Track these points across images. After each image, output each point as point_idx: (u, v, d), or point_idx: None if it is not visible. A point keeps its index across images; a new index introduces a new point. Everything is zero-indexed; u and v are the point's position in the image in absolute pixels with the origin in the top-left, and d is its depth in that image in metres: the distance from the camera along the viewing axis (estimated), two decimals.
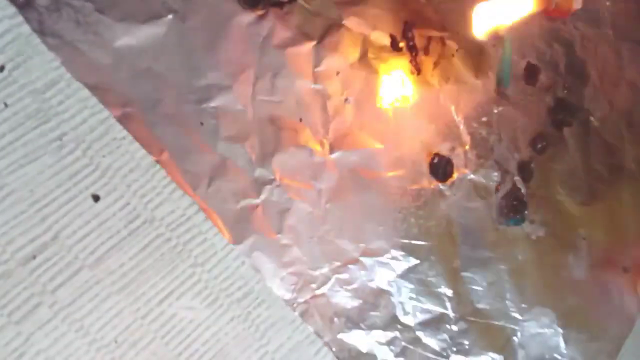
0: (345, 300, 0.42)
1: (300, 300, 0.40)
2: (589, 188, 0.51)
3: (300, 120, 0.42)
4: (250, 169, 0.40)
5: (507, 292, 0.47)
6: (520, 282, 0.47)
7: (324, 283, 0.41)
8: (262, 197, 0.40)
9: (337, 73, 0.43)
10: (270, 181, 0.40)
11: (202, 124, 0.39)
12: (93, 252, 0.38)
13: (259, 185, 0.40)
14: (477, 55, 0.47)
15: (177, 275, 0.40)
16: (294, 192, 0.41)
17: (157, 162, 0.37)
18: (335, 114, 0.43)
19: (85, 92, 0.38)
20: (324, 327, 0.41)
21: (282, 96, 0.41)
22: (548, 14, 0.47)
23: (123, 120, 0.36)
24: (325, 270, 0.42)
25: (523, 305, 0.47)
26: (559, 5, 0.46)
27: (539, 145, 0.49)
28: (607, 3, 0.54)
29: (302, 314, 0.40)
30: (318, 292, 0.41)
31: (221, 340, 0.40)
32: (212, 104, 0.39)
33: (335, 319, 0.42)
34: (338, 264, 0.42)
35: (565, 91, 0.51)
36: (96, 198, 0.38)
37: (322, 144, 0.42)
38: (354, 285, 0.42)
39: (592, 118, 0.52)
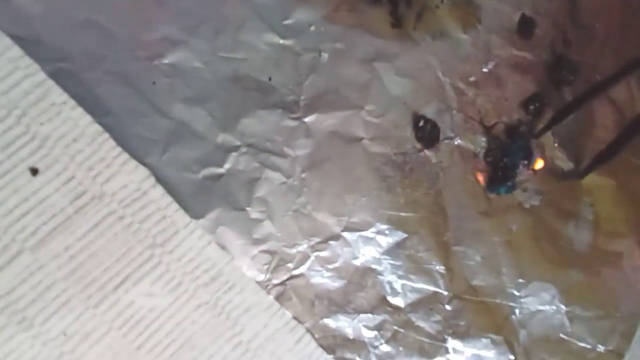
0: (327, 280, 0.37)
1: (276, 281, 0.36)
2: (594, 152, 0.47)
3: (269, 79, 0.37)
4: (212, 135, 0.35)
5: (503, 266, 0.43)
6: (516, 255, 0.43)
7: (302, 262, 0.37)
8: (227, 166, 0.35)
9: (310, 26, 0.39)
10: (236, 148, 0.36)
11: (154, 83, 0.34)
12: (34, 233, 0.33)
13: (223, 152, 0.35)
14: (464, 6, 0.43)
15: (133, 257, 0.35)
16: (264, 160, 0.37)
17: (101, 126, 0.32)
18: (308, 72, 0.38)
19: (17, 51, 0.34)
20: (303, 312, 0.36)
21: (247, 52, 0.37)
22: None
23: (56, 78, 0.31)
24: (303, 247, 0.37)
25: (520, 281, 0.43)
26: None
27: (532, 107, 0.45)
28: None
29: (278, 298, 0.35)
30: (296, 272, 0.37)
31: (187, 330, 0.36)
32: (166, 60, 0.34)
33: (317, 302, 0.37)
34: (317, 240, 0.38)
35: (566, 46, 0.47)
36: (34, 171, 0.33)
37: (294, 106, 0.38)
38: (337, 264, 0.38)
39: (597, 76, 0.48)
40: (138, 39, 0.34)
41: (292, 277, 0.36)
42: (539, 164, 0.42)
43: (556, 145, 0.46)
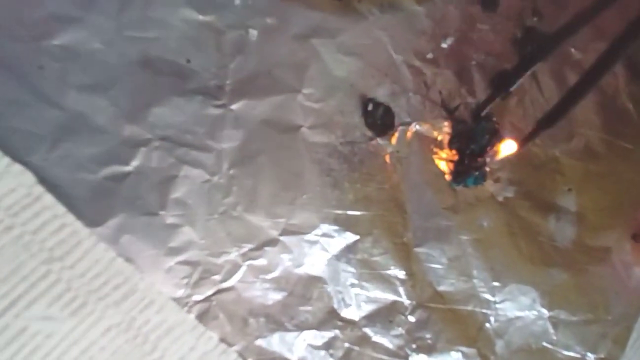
0: (262, 293, 0.32)
1: (198, 297, 0.30)
2: (574, 136, 0.42)
3: (188, 61, 0.32)
4: (115, 127, 0.29)
5: (474, 268, 0.37)
6: (489, 255, 0.38)
7: (231, 273, 0.31)
8: (135, 163, 0.30)
9: (235, 0, 0.34)
10: (146, 142, 0.30)
11: (41, 68, 0.28)
12: None
13: (130, 147, 0.30)
14: None
15: (25, 275, 0.29)
16: (182, 156, 0.31)
17: None
18: (234, 53, 0.33)
19: None
20: (234, 332, 0.31)
21: (159, 31, 0.31)
22: None
23: None
24: (232, 255, 0.32)
25: (495, 284, 0.38)
26: None
27: (501, 86, 0.40)
28: None
29: (201, 316, 0.30)
30: (224, 285, 0.31)
31: (95, 358, 0.31)
32: (56, 41, 0.29)
33: (251, 320, 0.32)
34: (250, 246, 0.32)
35: (536, 18, 0.41)
36: None
37: (219, 92, 0.33)
38: (274, 274, 0.33)
39: (572, 49, 0.42)
40: (19, 16, 0.28)
41: (220, 291, 0.31)
42: (509, 146, 0.37)
43: (530, 129, 0.41)
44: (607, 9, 0.34)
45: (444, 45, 0.39)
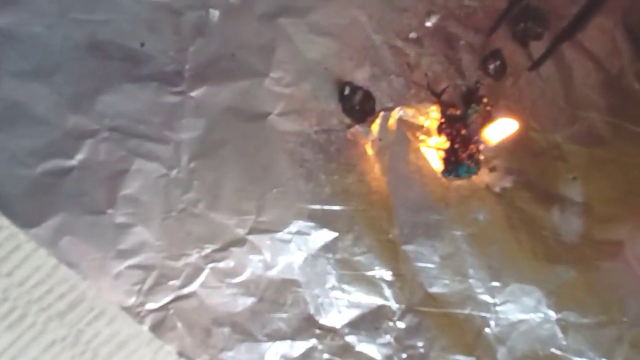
0: (228, 300, 0.28)
1: (152, 306, 0.27)
2: (576, 120, 0.38)
3: (142, 45, 0.29)
4: (57, 117, 0.26)
5: (470, 267, 0.33)
6: (487, 252, 0.34)
7: (192, 278, 0.28)
8: (79, 156, 0.27)
9: None
10: (93, 133, 0.27)
11: None
12: None
13: (74, 139, 0.27)
14: None
15: None
16: (135, 148, 0.28)
17: None
18: (194, 35, 0.30)
19: None
20: (194, 344, 0.27)
21: (110, 13, 0.29)
22: None
23: None
24: (193, 258, 0.28)
25: (494, 284, 0.34)
26: None
27: (491, 66, 0.36)
28: None
29: (156, 327, 0.26)
30: (184, 291, 0.28)
31: None
32: None
33: (215, 330, 0.28)
34: (214, 247, 0.29)
35: None
36: None
37: (177, 78, 0.29)
38: (242, 277, 0.29)
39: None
40: None
41: (178, 298, 0.27)
42: (506, 127, 0.33)
43: (527, 112, 0.37)
44: None
45: (429, 24, 0.35)
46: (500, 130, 0.34)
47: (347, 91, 0.32)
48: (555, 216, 0.37)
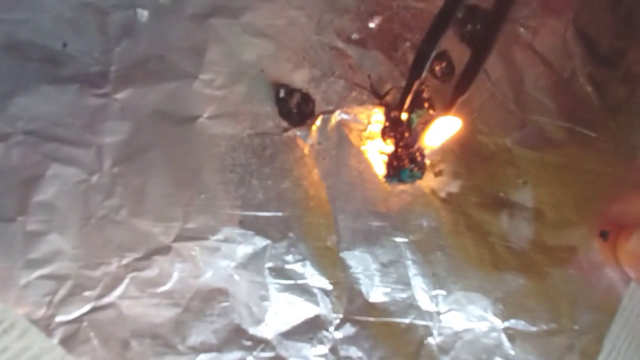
0: (150, 310, 0.26)
1: (63, 318, 0.24)
2: (526, 124, 0.35)
3: (64, 46, 0.27)
4: None
5: (412, 275, 0.31)
6: (430, 260, 0.31)
7: (111, 287, 0.25)
8: None
9: None
10: (6, 136, 0.25)
11: None
12: None
13: None
14: None
15: None
16: (52, 152, 0.25)
17: None
18: (121, 36, 0.27)
19: None
20: (109, 358, 0.24)
21: (29, 12, 0.26)
22: None
23: None
24: (113, 267, 0.26)
25: (438, 292, 0.32)
26: None
27: (437, 68, 0.34)
28: None
29: (67, 341, 0.24)
30: (101, 302, 0.25)
31: None
32: None
33: (134, 343, 0.25)
34: (136, 255, 0.26)
35: None
36: None
37: (101, 79, 0.27)
38: (166, 287, 0.26)
39: (522, 29, 0.35)
40: None
41: (94, 309, 0.25)
42: (451, 125, 0.31)
43: (475, 115, 0.35)
44: None
45: (372, 25, 0.33)
46: (443, 129, 0.31)
47: (282, 94, 0.30)
48: (504, 222, 0.35)
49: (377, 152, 0.32)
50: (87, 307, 0.25)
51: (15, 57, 0.26)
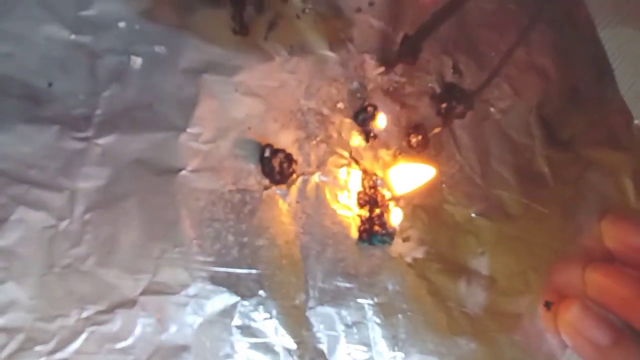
0: None
1: None
2: (488, 197, 0.33)
3: (50, 85, 0.23)
4: None
5: (374, 336, 0.29)
6: (392, 322, 0.29)
7: (66, 342, 0.21)
8: None
9: (118, 22, 0.25)
10: None
11: None
12: None
13: None
14: (332, 20, 0.30)
15: None
16: (20, 195, 0.21)
17: None
18: (110, 80, 0.24)
19: None
20: None
21: (15, 46, 0.22)
22: None
23: None
24: (71, 320, 0.21)
25: (396, 354, 0.28)
26: None
27: (414, 140, 0.32)
28: None
29: None
30: (54, 357, 0.21)
31: None
32: None
33: None
34: (98, 308, 0.22)
35: (457, 74, 0.33)
36: None
37: (83, 123, 0.23)
38: (126, 342, 0.22)
39: (492, 109, 0.34)
40: None
41: None
42: (422, 173, 0.29)
43: (444, 186, 0.34)
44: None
45: (358, 95, 0.31)
46: (413, 176, 0.29)
47: (267, 153, 0.27)
48: (462, 288, 0.32)
49: (351, 215, 0.30)
50: None
51: None
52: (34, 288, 0.21)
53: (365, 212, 0.29)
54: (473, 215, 0.33)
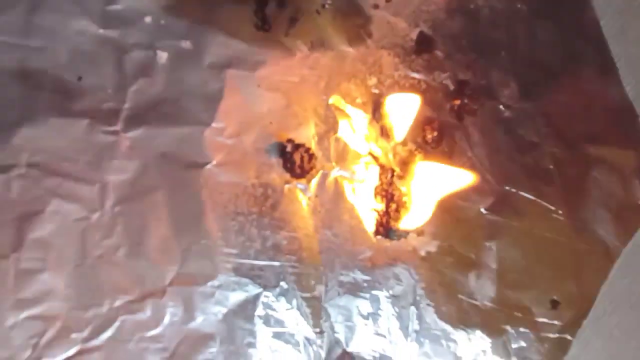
0: (136, 354, 0.23)
1: None
2: (498, 193, 0.35)
3: (79, 79, 0.25)
4: None
5: (390, 326, 0.30)
6: (406, 314, 0.30)
7: (100, 330, 0.23)
8: None
9: (145, 17, 0.26)
10: (7, 168, 0.22)
11: None
12: None
13: None
14: (352, 17, 0.31)
15: None
16: (54, 187, 0.22)
17: None
18: (138, 75, 0.25)
19: None
20: None
21: (46, 40, 0.24)
22: None
23: None
24: (104, 309, 0.23)
25: (411, 344, 0.30)
26: None
27: (429, 137, 0.34)
28: None
29: None
30: (88, 345, 0.22)
31: None
32: None
33: None
34: (129, 298, 0.23)
35: (469, 72, 0.34)
36: None
37: (112, 117, 0.24)
38: (156, 330, 0.24)
39: (501, 106, 0.36)
40: None
41: (80, 352, 0.22)
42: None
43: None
44: None
45: (376, 91, 0.33)
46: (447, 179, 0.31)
47: (289, 147, 0.28)
48: (472, 281, 0.34)
49: (369, 209, 0.31)
50: (73, 350, 0.22)
51: (25, 86, 0.23)
52: (69, 278, 0.22)
53: (382, 207, 0.31)
54: (483, 210, 0.35)
